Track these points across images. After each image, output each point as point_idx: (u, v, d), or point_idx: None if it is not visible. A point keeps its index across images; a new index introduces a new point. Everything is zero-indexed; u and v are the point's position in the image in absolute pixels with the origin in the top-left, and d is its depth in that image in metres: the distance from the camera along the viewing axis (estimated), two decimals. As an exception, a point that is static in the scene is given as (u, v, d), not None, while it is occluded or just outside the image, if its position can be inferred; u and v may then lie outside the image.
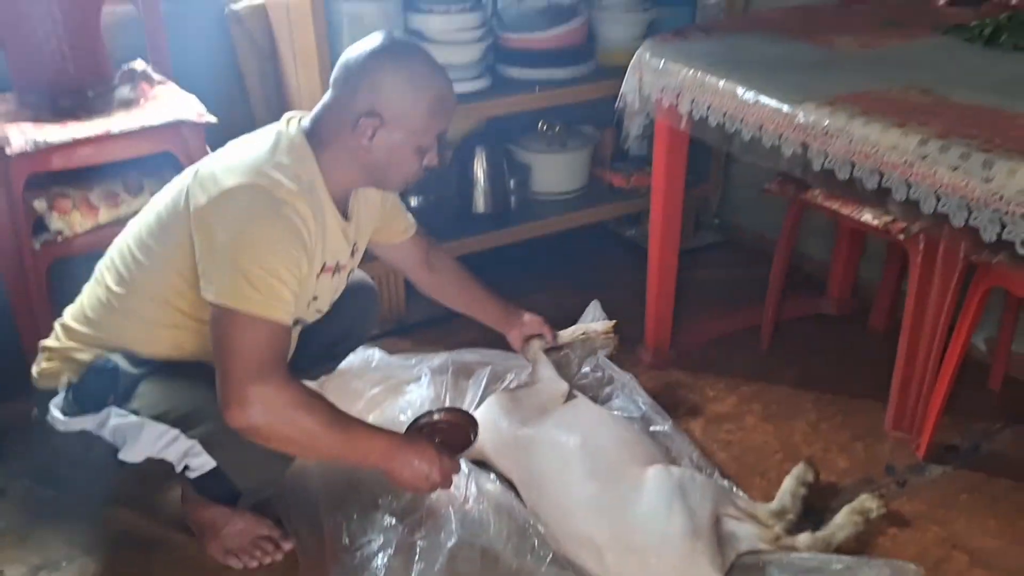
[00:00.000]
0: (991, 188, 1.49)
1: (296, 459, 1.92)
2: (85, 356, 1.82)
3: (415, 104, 1.71)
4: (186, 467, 1.78)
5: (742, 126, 1.99)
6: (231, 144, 1.79)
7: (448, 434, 2.02)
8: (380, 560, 1.92)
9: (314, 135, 1.76)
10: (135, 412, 1.76)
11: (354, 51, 1.74)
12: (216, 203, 1.65)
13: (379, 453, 1.78)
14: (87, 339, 1.82)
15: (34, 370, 1.88)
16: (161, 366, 1.80)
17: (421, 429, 2.03)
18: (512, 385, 2.43)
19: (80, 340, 1.83)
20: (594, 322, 2.52)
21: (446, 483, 1.87)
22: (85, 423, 1.80)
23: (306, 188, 1.71)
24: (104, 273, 1.84)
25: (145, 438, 1.76)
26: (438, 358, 2.55)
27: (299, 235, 1.67)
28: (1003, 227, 1.50)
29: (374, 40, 1.74)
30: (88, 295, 1.86)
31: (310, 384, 2.07)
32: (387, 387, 2.44)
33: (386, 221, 2.11)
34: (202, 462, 1.76)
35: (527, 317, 2.36)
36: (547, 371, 2.34)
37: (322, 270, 1.85)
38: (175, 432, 1.75)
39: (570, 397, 2.24)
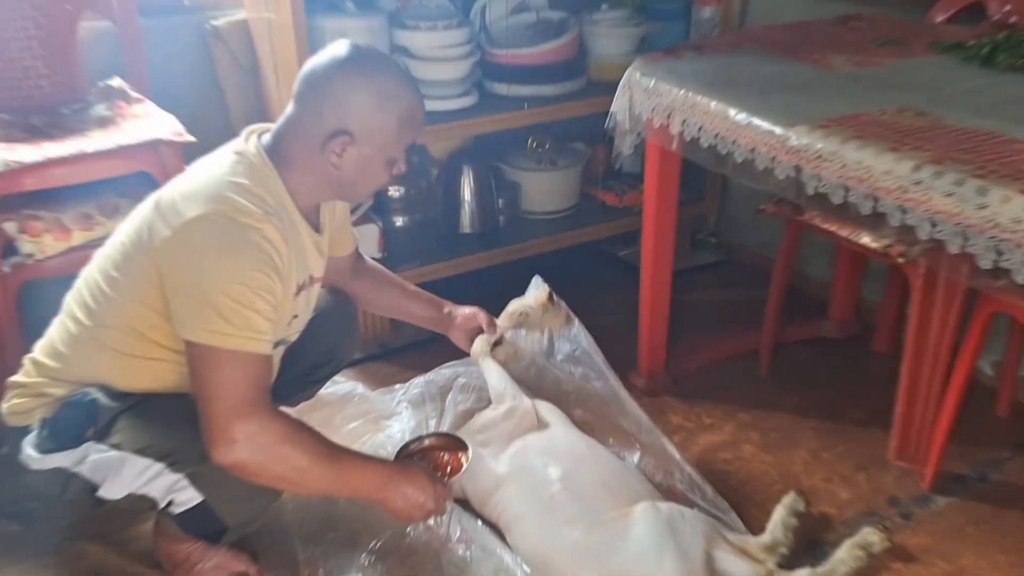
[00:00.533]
0: (986, 215, 1.43)
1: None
2: (58, 391, 1.75)
3: (386, 119, 1.67)
4: (170, 502, 1.73)
5: (734, 148, 1.92)
6: (192, 167, 1.73)
7: (439, 458, 1.96)
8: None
9: (277, 152, 1.71)
10: (116, 447, 1.70)
11: (318, 63, 1.68)
12: (179, 236, 1.59)
13: (371, 484, 1.73)
14: (58, 373, 1.76)
15: (3, 407, 1.81)
16: (141, 399, 1.74)
17: (412, 455, 1.97)
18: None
19: (51, 375, 1.77)
20: (527, 297, 2.41)
21: (440, 510, 1.82)
22: (61, 460, 1.74)
23: (273, 210, 1.65)
24: (73, 306, 1.78)
25: (127, 473, 1.70)
26: (415, 387, 2.49)
27: (268, 259, 1.61)
28: (999, 254, 1.42)
29: (338, 50, 1.68)
30: (58, 328, 1.80)
31: (289, 411, 2.02)
32: (367, 420, 2.38)
33: (339, 234, 2.06)
34: (188, 497, 1.71)
35: (462, 312, 2.27)
36: (500, 383, 2.23)
37: (300, 288, 1.80)
38: (159, 467, 1.69)
39: (542, 424, 2.15)
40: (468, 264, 2.88)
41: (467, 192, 2.95)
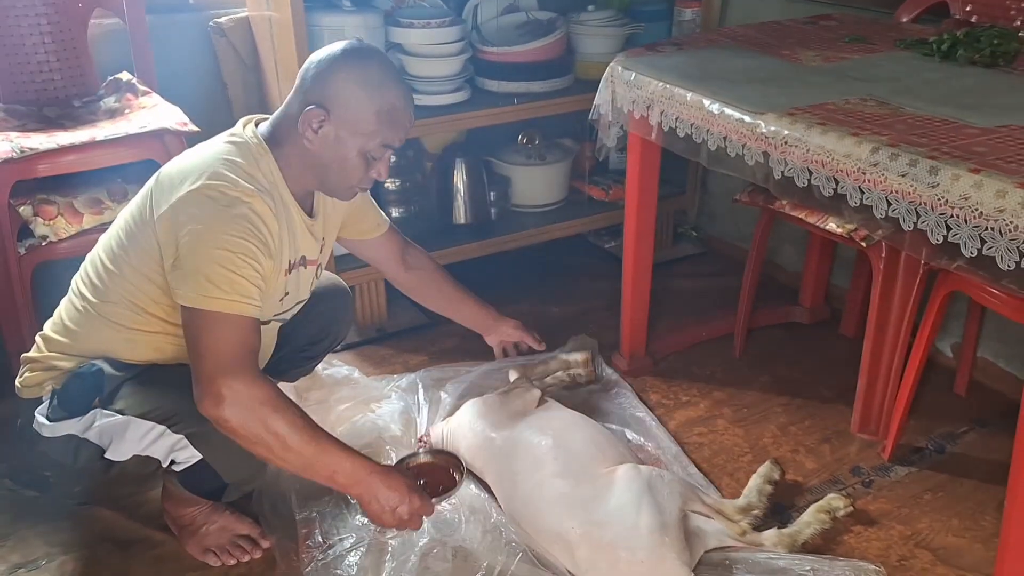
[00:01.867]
0: (936, 193, 1.55)
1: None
2: (67, 364, 1.85)
3: (363, 104, 1.72)
4: (172, 462, 1.83)
5: (708, 136, 2.05)
6: (190, 149, 1.82)
7: (433, 475, 2.02)
8: (352, 558, 1.96)
9: (272, 136, 1.79)
10: (120, 412, 1.79)
11: (318, 53, 1.77)
12: (174, 209, 1.68)
13: (348, 475, 1.73)
14: (66, 348, 1.86)
15: (17, 382, 1.91)
16: (144, 369, 1.84)
17: (407, 469, 2.03)
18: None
19: (60, 350, 1.86)
20: (573, 353, 2.61)
21: (415, 523, 1.82)
22: (70, 427, 1.83)
23: (264, 187, 1.73)
24: (79, 284, 1.87)
25: (131, 436, 1.80)
26: (405, 378, 2.59)
27: (254, 231, 1.68)
28: (948, 229, 1.55)
29: (337, 44, 1.77)
30: (65, 306, 1.90)
31: (286, 386, 2.13)
32: (358, 402, 2.49)
33: (355, 216, 2.14)
34: (188, 456, 1.80)
35: (509, 323, 2.39)
36: (520, 381, 2.40)
37: (291, 267, 1.88)
38: (161, 428, 1.78)
39: (542, 402, 2.29)
40: (461, 254, 3.00)
41: (460, 185, 3.06)
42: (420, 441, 2.27)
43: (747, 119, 1.91)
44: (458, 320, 2.41)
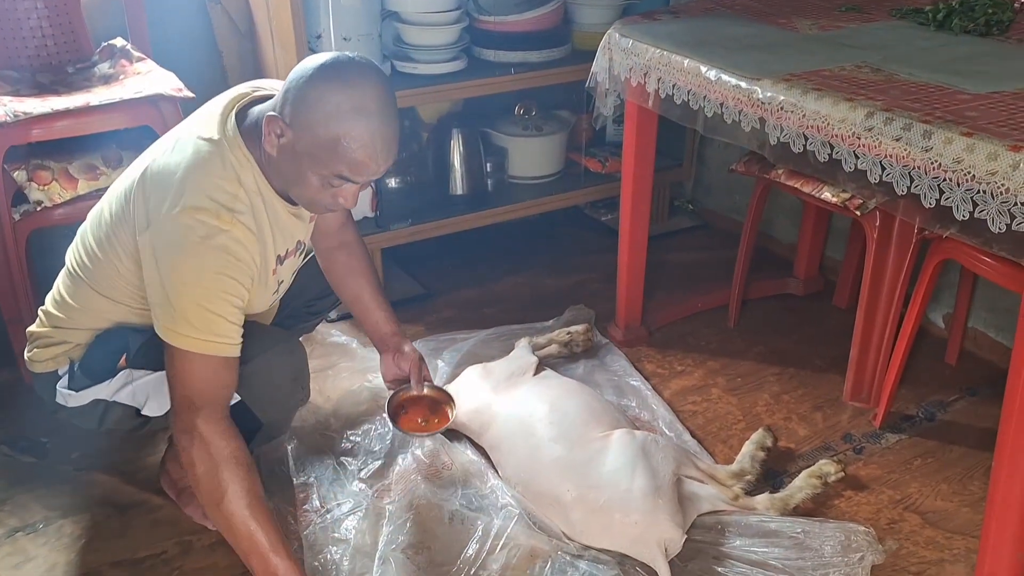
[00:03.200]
0: (930, 157, 1.57)
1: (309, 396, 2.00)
2: (77, 337, 1.83)
3: (318, 129, 1.58)
4: None
5: (705, 103, 2.06)
6: (175, 136, 1.73)
7: (427, 408, 2.07)
8: (350, 522, 1.99)
9: (254, 131, 1.69)
10: (154, 368, 1.78)
11: (309, 60, 1.64)
12: (154, 231, 1.63)
13: (265, 568, 1.63)
14: (70, 323, 1.84)
15: (27, 356, 1.88)
16: None
17: (401, 403, 2.07)
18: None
19: (64, 324, 1.84)
20: (573, 325, 2.64)
21: None
22: (97, 392, 1.83)
23: (246, 199, 1.67)
24: (73, 262, 1.84)
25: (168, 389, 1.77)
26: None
27: (234, 263, 1.63)
28: (941, 194, 1.57)
29: (334, 54, 1.64)
30: (63, 282, 1.86)
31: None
32: (354, 372, 2.53)
33: None
34: None
35: (406, 347, 2.14)
36: (519, 349, 2.43)
37: (284, 257, 1.85)
38: None
39: (540, 371, 2.31)
40: (458, 224, 3.00)
41: (456, 156, 3.05)
42: None
43: (744, 85, 1.92)
44: (363, 323, 2.20)
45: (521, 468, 2.02)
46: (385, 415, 2.06)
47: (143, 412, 1.84)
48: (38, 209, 2.33)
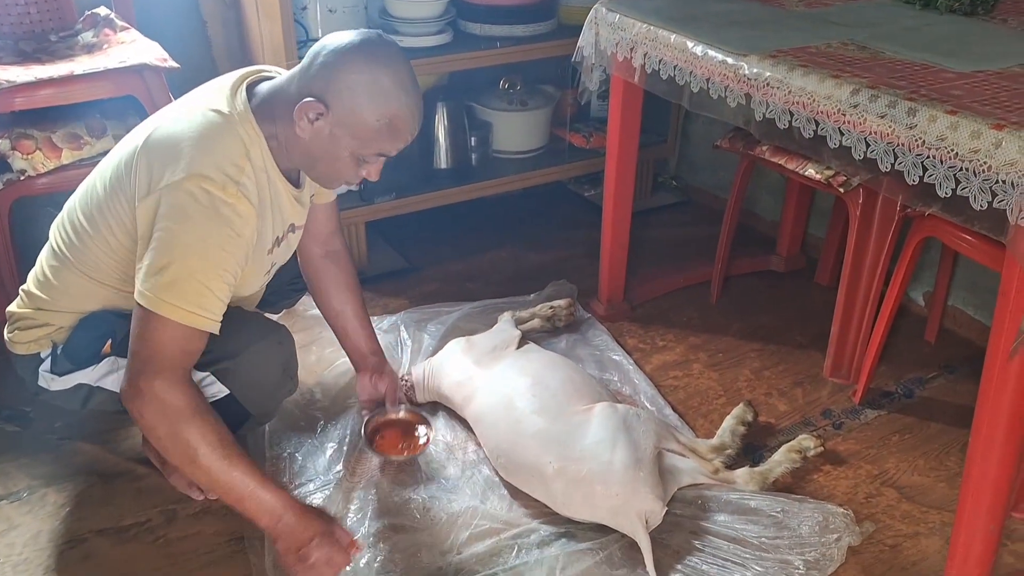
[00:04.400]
0: (914, 134, 1.58)
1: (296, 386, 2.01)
2: (60, 320, 1.82)
3: (365, 111, 1.62)
4: None
5: (691, 78, 2.06)
6: (181, 108, 1.71)
7: (403, 431, 2.07)
8: (316, 499, 1.99)
9: (265, 109, 1.69)
10: None
11: (333, 38, 1.66)
12: (156, 198, 1.59)
13: (258, 503, 1.64)
14: (53, 305, 1.81)
15: (7, 336, 1.86)
16: None
17: (377, 428, 2.06)
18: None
19: (46, 306, 1.82)
20: (556, 300, 2.67)
21: (325, 571, 1.68)
22: (81, 377, 1.82)
23: (251, 173, 1.65)
24: (58, 239, 1.81)
25: None
26: (387, 320, 2.63)
27: (233, 237, 1.61)
28: (924, 171, 1.58)
29: (359, 33, 1.66)
30: (47, 261, 1.83)
31: (272, 316, 2.14)
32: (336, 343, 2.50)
33: None
34: (214, 392, 1.82)
35: (387, 369, 2.18)
36: (502, 323, 2.44)
37: (279, 241, 1.85)
38: None
39: (523, 344, 2.32)
40: (441, 198, 3.01)
41: (441, 130, 3.05)
42: (403, 379, 2.29)
43: (730, 61, 1.93)
44: (340, 339, 2.20)
45: (503, 441, 2.03)
46: (364, 441, 2.07)
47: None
48: (21, 178, 2.31)
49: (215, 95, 1.70)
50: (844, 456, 2.18)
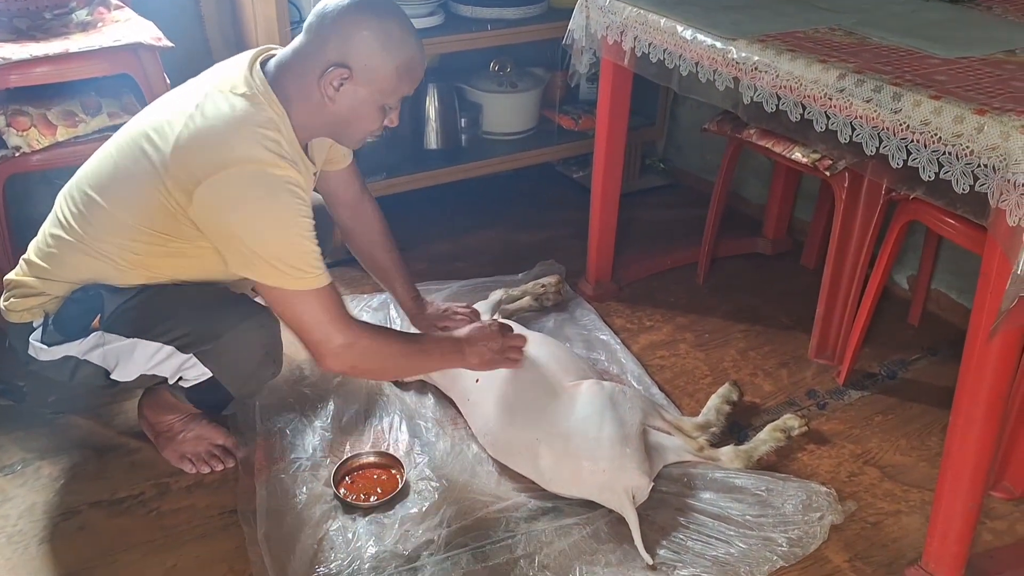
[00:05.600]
0: (899, 119, 1.61)
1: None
2: (55, 290, 1.84)
3: (385, 63, 1.70)
4: (179, 379, 1.87)
5: (680, 62, 2.09)
6: (202, 91, 1.72)
7: (374, 477, 2.04)
8: (307, 475, 2.03)
9: (281, 84, 1.73)
10: (126, 334, 1.81)
11: (326, 4, 1.71)
12: (216, 190, 1.64)
13: (451, 356, 1.97)
14: (51, 274, 1.83)
15: (2, 304, 1.89)
16: (144, 290, 1.82)
17: (348, 472, 2.04)
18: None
19: (45, 275, 1.83)
20: (545, 277, 2.70)
21: (516, 358, 2.05)
22: (69, 350, 1.84)
23: (287, 151, 1.70)
24: (64, 211, 1.82)
25: (139, 357, 1.82)
26: (376, 298, 2.66)
27: (302, 204, 1.70)
28: (909, 155, 1.62)
29: None
30: (50, 230, 1.85)
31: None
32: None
33: (333, 150, 2.09)
34: (198, 374, 1.85)
35: (434, 304, 2.37)
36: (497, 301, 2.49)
37: None
38: (169, 349, 1.81)
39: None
40: (432, 179, 3.03)
41: (432, 111, 3.08)
42: None
43: (719, 45, 1.95)
44: (385, 287, 2.37)
45: (490, 419, 2.06)
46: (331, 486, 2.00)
47: (112, 376, 1.85)
48: (16, 155, 2.32)
49: (233, 78, 1.73)
50: (828, 435, 2.22)
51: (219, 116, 1.67)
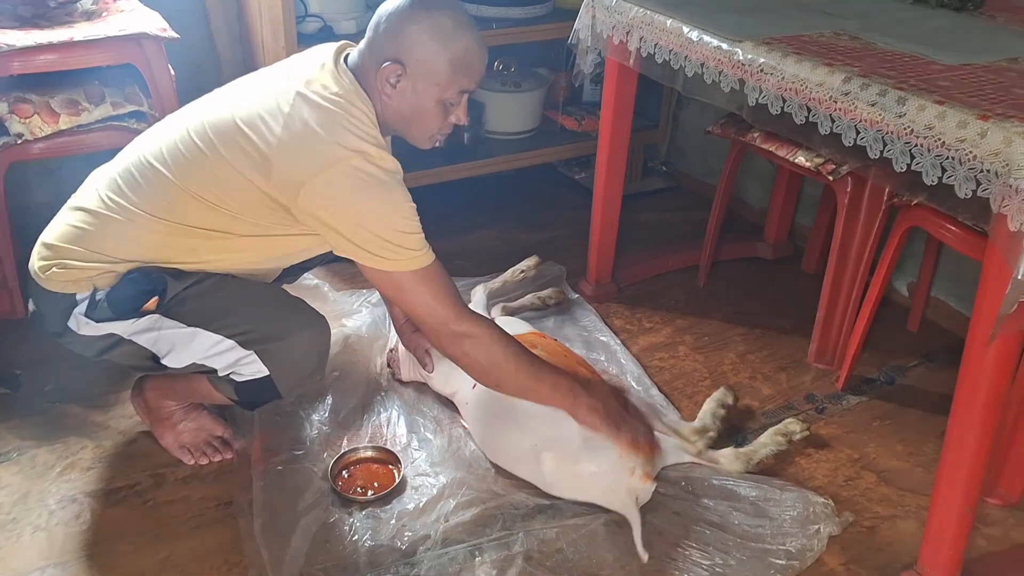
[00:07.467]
0: (903, 123, 1.61)
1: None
2: (108, 264, 1.80)
3: (436, 56, 1.70)
4: (230, 373, 1.86)
5: (686, 63, 2.09)
6: (292, 88, 1.73)
7: (372, 471, 2.03)
8: (303, 467, 2.02)
9: (361, 83, 1.76)
10: (188, 322, 1.81)
11: (385, 7, 1.74)
12: (326, 185, 1.67)
13: (563, 391, 1.89)
14: (105, 249, 1.80)
15: (41, 269, 1.81)
16: (209, 278, 1.83)
17: (347, 466, 2.04)
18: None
19: (100, 250, 1.80)
20: (524, 262, 2.71)
21: (629, 427, 1.94)
22: (116, 328, 1.82)
23: (379, 136, 1.74)
24: (121, 186, 1.80)
25: (197, 347, 1.82)
26: (376, 294, 2.65)
27: (404, 189, 1.74)
28: (912, 159, 1.62)
29: None
30: (110, 197, 1.80)
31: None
32: (328, 317, 2.51)
33: None
34: (255, 371, 1.83)
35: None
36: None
37: None
38: (230, 343, 1.81)
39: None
40: (433, 177, 3.02)
41: (434, 109, 3.07)
42: (389, 351, 2.32)
43: (725, 46, 1.96)
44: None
45: (491, 421, 2.05)
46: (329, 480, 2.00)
47: (163, 361, 1.85)
48: (19, 142, 2.32)
49: (321, 74, 1.75)
50: (826, 440, 2.22)
51: (315, 114, 1.69)
